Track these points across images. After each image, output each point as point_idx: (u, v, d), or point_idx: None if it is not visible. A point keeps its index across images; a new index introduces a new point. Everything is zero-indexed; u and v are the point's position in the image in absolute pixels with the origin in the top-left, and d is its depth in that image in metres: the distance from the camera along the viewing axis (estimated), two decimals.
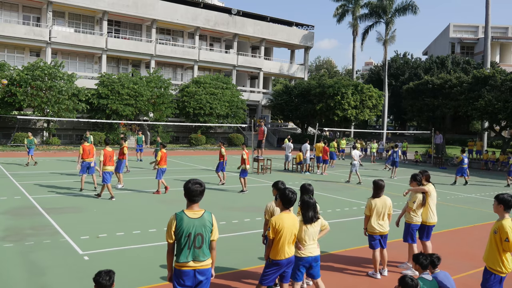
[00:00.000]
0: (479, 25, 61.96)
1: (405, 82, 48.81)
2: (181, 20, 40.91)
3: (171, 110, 36.02)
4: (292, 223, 5.24)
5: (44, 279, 6.45)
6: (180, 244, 4.43)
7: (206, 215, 4.55)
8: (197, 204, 4.58)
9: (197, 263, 4.43)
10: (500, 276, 5.17)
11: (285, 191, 5.36)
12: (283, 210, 5.34)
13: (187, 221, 4.46)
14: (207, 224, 4.51)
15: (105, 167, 12.78)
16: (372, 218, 7.02)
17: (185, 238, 4.41)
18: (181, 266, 4.42)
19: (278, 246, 5.18)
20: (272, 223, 5.17)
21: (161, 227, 9.65)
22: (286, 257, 5.22)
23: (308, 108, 39.67)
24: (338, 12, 48.06)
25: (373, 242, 7.08)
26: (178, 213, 4.53)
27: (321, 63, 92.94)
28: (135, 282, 6.44)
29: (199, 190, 4.53)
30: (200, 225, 4.47)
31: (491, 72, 31.13)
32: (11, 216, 10.14)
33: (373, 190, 7.13)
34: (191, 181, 4.58)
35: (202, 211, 4.56)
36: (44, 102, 29.13)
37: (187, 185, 4.55)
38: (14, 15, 35.83)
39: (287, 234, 5.16)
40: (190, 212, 4.52)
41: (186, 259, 4.40)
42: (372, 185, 7.17)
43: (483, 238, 9.04)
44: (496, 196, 5.31)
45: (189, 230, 4.42)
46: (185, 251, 4.40)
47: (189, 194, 4.55)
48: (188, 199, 4.58)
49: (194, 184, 4.52)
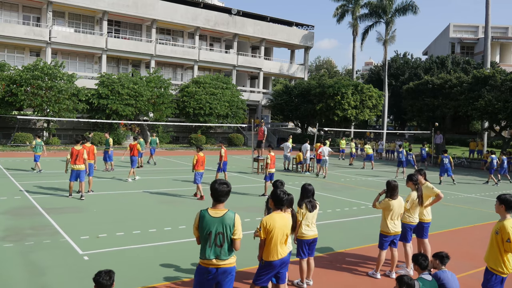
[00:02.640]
0: (479, 25, 61.96)
1: (405, 82, 48.79)
2: (181, 20, 40.92)
3: (171, 110, 36.02)
4: (284, 223, 5.24)
5: (44, 279, 6.44)
6: (203, 241, 4.60)
7: (228, 214, 4.62)
8: (223, 204, 4.68)
9: (219, 261, 4.54)
10: (501, 276, 5.15)
11: (276, 191, 5.39)
12: (275, 210, 5.35)
13: (208, 219, 4.58)
14: (229, 223, 4.57)
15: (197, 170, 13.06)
16: (388, 219, 7.01)
17: (207, 236, 4.56)
18: (203, 263, 4.60)
19: (270, 246, 5.17)
20: (263, 224, 5.17)
21: (161, 227, 9.64)
22: (279, 258, 5.20)
23: (308, 108, 39.67)
24: (338, 12, 48.03)
25: (385, 242, 7.09)
26: (202, 211, 4.68)
27: (321, 63, 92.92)
28: (135, 282, 6.43)
29: (226, 190, 4.66)
30: (221, 224, 4.56)
31: (491, 72, 31.12)
32: (11, 216, 10.13)
33: (389, 191, 7.03)
34: (217, 181, 4.70)
35: (225, 210, 4.64)
36: (44, 102, 29.12)
37: (214, 185, 4.65)
38: (14, 15, 35.83)
39: (278, 234, 5.15)
40: (212, 211, 4.63)
41: (208, 256, 4.54)
42: (386, 186, 7.08)
43: (484, 238, 9.04)
44: (498, 196, 5.29)
45: (210, 228, 4.55)
46: (207, 249, 4.56)
47: (216, 194, 4.65)
48: (214, 198, 4.67)
49: (221, 185, 4.65)
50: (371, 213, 12.05)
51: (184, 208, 11.98)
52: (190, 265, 7.23)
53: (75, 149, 12.60)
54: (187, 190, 14.75)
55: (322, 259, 7.86)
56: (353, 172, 23.13)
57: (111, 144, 19.48)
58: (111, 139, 19.94)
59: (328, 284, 6.51)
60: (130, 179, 16.47)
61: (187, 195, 13.75)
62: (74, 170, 12.51)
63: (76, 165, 12.49)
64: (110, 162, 19.00)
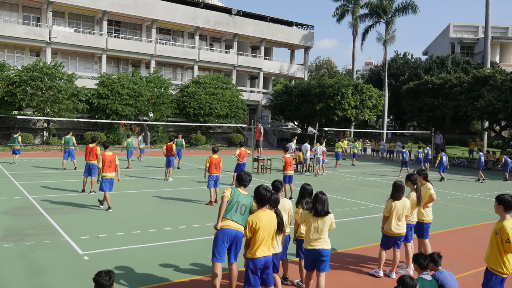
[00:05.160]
0: (479, 25, 61.96)
1: (405, 82, 48.78)
2: (181, 20, 40.90)
3: (171, 110, 36.01)
4: (269, 220, 5.31)
5: (44, 279, 6.44)
6: (231, 207, 5.85)
7: (250, 195, 5.86)
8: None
9: (239, 225, 5.80)
10: (501, 277, 5.15)
11: (258, 188, 5.42)
12: (259, 208, 5.42)
13: (238, 193, 5.92)
14: (250, 201, 5.90)
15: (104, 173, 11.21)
16: (391, 220, 6.99)
17: (235, 203, 5.84)
18: (227, 225, 5.80)
19: (255, 245, 5.26)
20: (249, 223, 5.28)
21: (161, 227, 9.64)
22: (263, 255, 5.27)
23: (308, 108, 39.67)
24: (338, 12, 48.07)
25: (387, 242, 7.09)
26: (233, 188, 5.99)
27: (321, 63, 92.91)
28: (135, 282, 6.43)
29: (250, 178, 5.99)
30: (247, 199, 5.95)
31: (491, 72, 31.13)
32: (11, 216, 10.13)
33: (394, 191, 7.02)
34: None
35: (247, 193, 5.96)
36: (43, 101, 29.12)
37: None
38: (14, 15, 35.82)
39: (264, 232, 5.24)
40: (241, 190, 5.93)
41: (231, 217, 5.79)
42: (392, 187, 7.08)
43: (484, 238, 9.04)
44: (497, 196, 5.31)
45: (238, 199, 5.83)
46: (234, 213, 5.80)
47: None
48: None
49: (247, 175, 6.02)
50: (371, 213, 12.06)
51: (185, 208, 11.98)
52: (190, 265, 7.23)
53: (106, 155, 11.24)
54: (187, 190, 14.76)
55: None
56: (353, 172, 23.14)
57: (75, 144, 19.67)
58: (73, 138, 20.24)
59: (328, 284, 6.51)
60: (171, 178, 17.04)
61: (187, 195, 13.75)
62: (106, 179, 11.08)
63: (108, 173, 11.16)
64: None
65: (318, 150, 20.76)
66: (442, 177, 20.91)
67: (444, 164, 21.02)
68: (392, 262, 7.22)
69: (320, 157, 20.71)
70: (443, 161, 20.97)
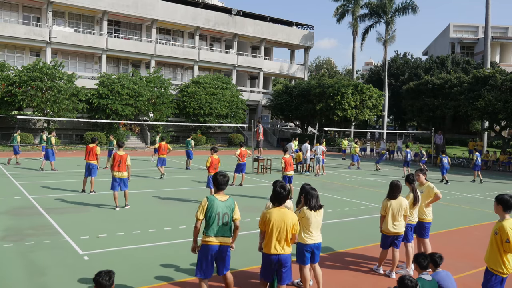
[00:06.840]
0: (479, 25, 61.96)
1: (405, 82, 48.80)
2: (181, 20, 40.91)
3: (171, 110, 36.01)
4: (281, 218, 5.30)
5: (44, 279, 6.44)
6: (211, 221, 5.40)
7: (230, 199, 5.54)
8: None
9: (224, 238, 5.44)
10: (501, 277, 5.16)
11: (275, 184, 5.54)
12: (274, 206, 5.49)
13: (217, 203, 5.43)
14: (232, 206, 5.54)
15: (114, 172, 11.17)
16: (388, 219, 7.03)
17: (215, 216, 5.44)
18: (208, 241, 5.43)
19: (266, 239, 5.36)
20: (261, 216, 5.42)
21: (161, 227, 9.64)
22: (274, 253, 5.29)
23: (308, 108, 39.67)
24: (338, 12, 48.06)
25: (385, 241, 7.13)
26: (208, 196, 5.49)
27: (321, 63, 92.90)
28: (135, 282, 6.43)
29: (225, 180, 5.53)
30: (226, 207, 5.52)
31: (491, 72, 31.13)
32: (11, 216, 10.13)
33: (390, 191, 7.07)
34: (219, 173, 5.51)
35: (227, 196, 5.58)
36: (43, 102, 29.11)
37: (216, 176, 5.46)
38: (14, 15, 35.83)
39: (275, 229, 5.26)
40: (219, 196, 5.49)
41: (214, 233, 5.43)
42: (389, 186, 7.12)
43: (484, 238, 9.05)
44: (496, 196, 5.32)
45: (218, 210, 5.41)
46: (215, 227, 5.40)
47: (216, 183, 5.48)
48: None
49: (222, 176, 5.51)
50: (371, 213, 12.06)
51: (185, 208, 11.97)
52: (190, 265, 7.23)
53: (118, 154, 11.11)
54: (187, 190, 14.76)
55: (322, 259, 7.84)
56: (353, 172, 23.13)
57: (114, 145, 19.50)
58: (115, 141, 20.28)
59: (328, 284, 6.51)
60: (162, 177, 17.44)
61: (187, 195, 13.75)
62: (116, 178, 11.08)
63: (117, 172, 11.13)
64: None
65: (318, 150, 20.80)
66: (445, 180, 19.90)
67: (446, 167, 19.98)
68: (392, 262, 7.23)
69: (320, 157, 20.72)
70: (443, 163, 20.00)
